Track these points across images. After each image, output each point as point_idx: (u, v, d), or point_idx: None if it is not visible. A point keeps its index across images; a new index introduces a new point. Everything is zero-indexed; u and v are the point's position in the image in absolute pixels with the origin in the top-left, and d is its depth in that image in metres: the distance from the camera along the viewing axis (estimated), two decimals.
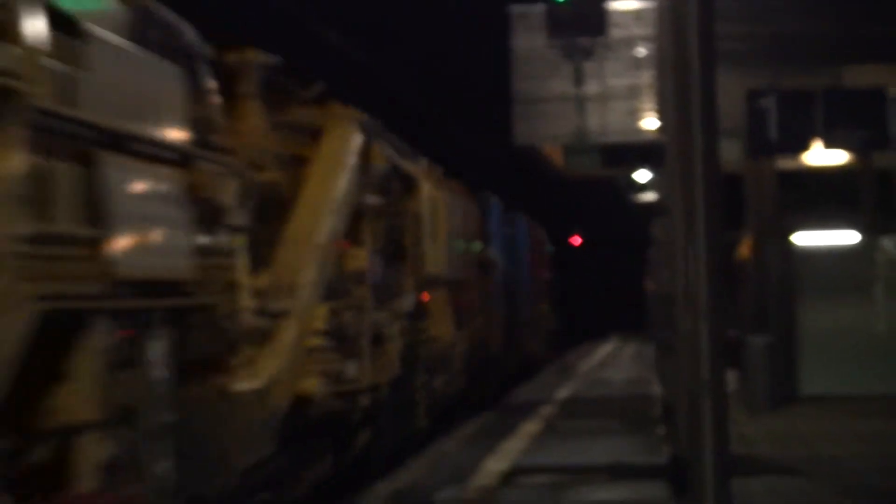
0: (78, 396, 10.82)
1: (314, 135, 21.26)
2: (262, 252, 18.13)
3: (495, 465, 23.85)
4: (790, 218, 34.07)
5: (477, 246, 38.65)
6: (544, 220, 61.61)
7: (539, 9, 31.10)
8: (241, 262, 15.91)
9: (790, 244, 32.70)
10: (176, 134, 13.32)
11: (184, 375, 13.20)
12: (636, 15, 32.13)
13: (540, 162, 38.47)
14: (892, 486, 18.61)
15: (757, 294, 33.29)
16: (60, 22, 10.63)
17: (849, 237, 32.79)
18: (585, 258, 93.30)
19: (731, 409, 7.95)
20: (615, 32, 31.59)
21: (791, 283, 32.33)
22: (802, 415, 28.93)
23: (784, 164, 33.71)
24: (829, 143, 18.81)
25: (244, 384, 15.65)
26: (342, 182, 21.07)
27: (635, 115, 32.95)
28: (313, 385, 19.01)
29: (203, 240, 14.11)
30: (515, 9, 33.11)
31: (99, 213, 11.10)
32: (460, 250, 34.66)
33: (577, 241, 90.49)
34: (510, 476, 22.34)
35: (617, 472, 22.21)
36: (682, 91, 7.81)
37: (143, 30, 13.14)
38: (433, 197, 29.75)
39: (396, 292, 25.26)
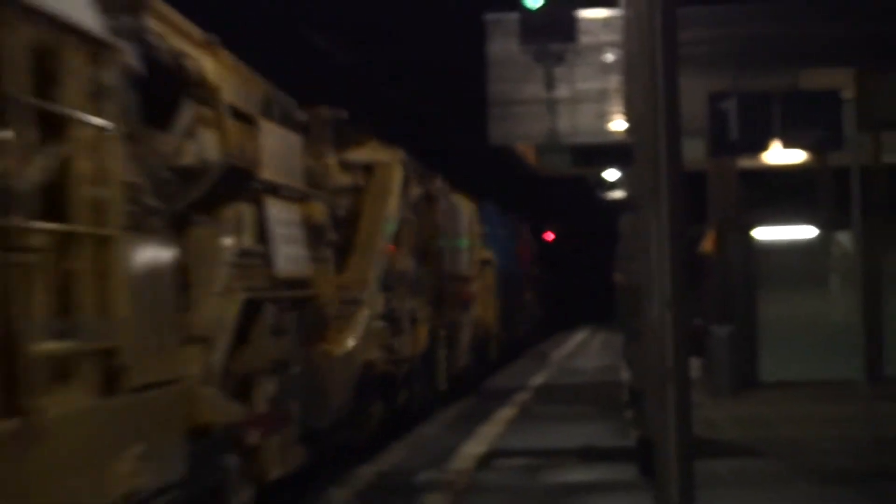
0: (257, 352, 15.75)
1: (368, 169, 26.74)
2: (340, 257, 23.68)
3: (473, 448, 23.86)
4: (751, 213, 34.12)
5: (478, 245, 43.24)
6: (519, 215, 61.77)
7: (512, 16, 31.08)
8: (332, 266, 21.86)
9: (751, 238, 32.78)
10: (297, 181, 18.32)
11: (303, 342, 18.24)
12: (604, 22, 32.09)
13: (514, 161, 38.47)
14: (849, 466, 18.65)
15: (719, 286, 33.33)
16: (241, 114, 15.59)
17: (806, 232, 32.87)
18: (557, 252, 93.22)
19: (695, 394, 7.97)
20: (584, 39, 31.55)
21: (752, 276, 32.42)
22: (763, 400, 28.99)
23: (745, 162, 33.74)
24: (787, 143, 18.81)
25: (338, 350, 21.56)
26: (391, 205, 26.70)
27: (604, 117, 32.92)
28: (375, 354, 24.37)
29: (313, 251, 19.29)
30: (490, 16, 33.12)
31: (265, 236, 16.31)
32: (466, 250, 39.40)
33: (549, 236, 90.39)
34: (487, 459, 22.35)
35: (588, 455, 22.23)
36: (647, 94, 7.82)
37: (271, 109, 17.36)
38: (446, 208, 34.62)
39: (424, 285, 30.66)
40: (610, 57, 32.39)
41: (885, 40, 32.41)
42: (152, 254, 11.97)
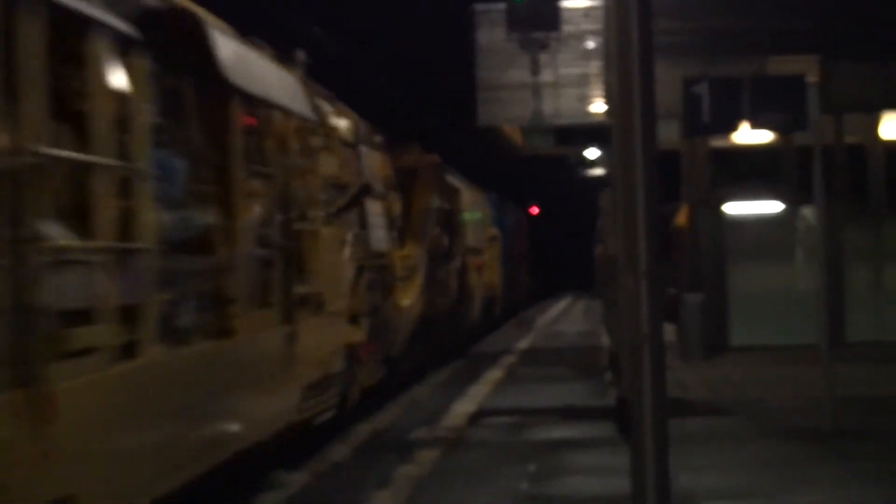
0: (362, 300, 21.83)
1: (414, 170, 32.95)
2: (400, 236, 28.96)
3: (463, 407, 23.92)
4: (721, 190, 34.13)
5: (488, 225, 49.76)
6: (505, 192, 61.77)
7: (499, 7, 31.14)
8: (397, 244, 27.73)
9: (721, 213, 32.80)
10: (380, 185, 24.85)
11: (384, 296, 24.77)
12: (585, 12, 32.11)
13: (501, 141, 38.48)
14: (811, 425, 18.69)
15: (692, 257, 33.36)
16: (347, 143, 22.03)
17: (773, 207, 32.88)
18: (541, 226, 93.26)
19: (668, 358, 8.00)
20: (566, 28, 31.59)
21: (722, 248, 32.45)
22: (731, 363, 29.03)
23: (716, 142, 33.78)
24: (755, 125, 18.79)
25: (403, 302, 28.18)
26: (433, 200, 33.98)
27: (585, 100, 32.96)
28: (425, 307, 31.42)
29: (388, 233, 25.47)
30: (479, 7, 33.10)
31: (364, 224, 22.65)
32: (480, 229, 46.59)
33: (534, 210, 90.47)
34: (476, 417, 22.40)
35: (569, 414, 22.28)
36: (625, 79, 7.83)
37: (359, 131, 23.39)
38: (465, 198, 40.61)
39: (452, 257, 37.14)
40: (590, 44, 32.41)
41: (845, 31, 32.41)
42: (331, 239, 19.10)
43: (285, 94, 16.87)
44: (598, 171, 49.42)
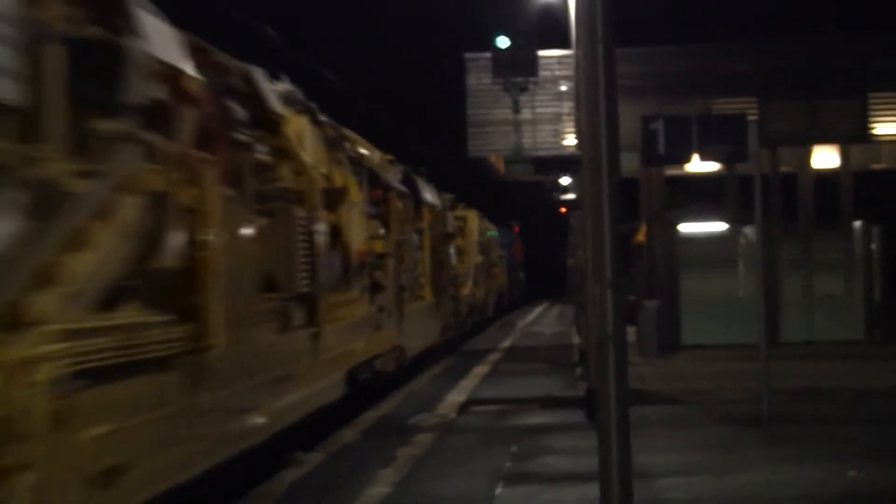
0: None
1: (463, 219, 46.06)
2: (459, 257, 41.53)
3: (454, 397, 23.86)
4: (674, 211, 34.15)
5: (497, 247, 63.78)
6: (491, 213, 61.83)
7: (486, 55, 31.17)
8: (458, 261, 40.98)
9: (675, 231, 32.82)
10: (453, 229, 39.05)
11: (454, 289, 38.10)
12: (558, 60, 32.14)
13: (487, 168, 38.47)
14: (750, 412, 18.68)
15: (649, 269, 33.37)
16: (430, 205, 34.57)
17: (718, 226, 32.90)
18: (512, 241, 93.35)
19: (629, 355, 7.99)
20: (543, 73, 31.65)
21: (675, 261, 32.47)
22: (683, 359, 29.02)
23: (669, 171, 33.82)
24: (703, 156, 18.78)
25: (463, 293, 41.59)
26: (476, 237, 48.60)
27: (558, 134, 33.00)
28: (471, 296, 45.49)
29: (456, 257, 39.87)
30: (468, 55, 33.15)
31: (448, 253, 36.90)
32: (496, 250, 62.19)
33: (515, 229, 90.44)
34: (466, 406, 22.34)
35: (545, 402, 22.21)
36: (592, 117, 7.82)
37: (446, 202, 35.93)
38: (482, 228, 54.40)
39: (483, 269, 52.16)
40: (563, 87, 32.46)
41: (779, 76, 32.47)
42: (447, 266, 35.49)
43: (431, 197, 33.76)
44: (570, 195, 49.41)
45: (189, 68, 11.75)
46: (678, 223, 33.12)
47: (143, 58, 10.41)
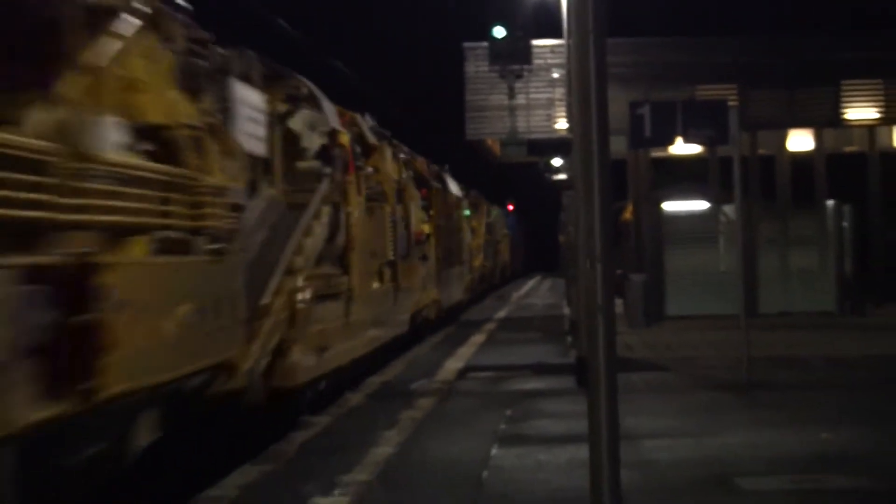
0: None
1: (477, 205, 52.29)
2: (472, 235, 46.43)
3: (453, 364, 23.91)
4: (660, 191, 34.15)
5: (503, 226, 72.69)
6: (487, 192, 61.88)
7: (483, 44, 31.13)
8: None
9: (660, 210, 32.81)
10: (483, 220, 54.97)
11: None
12: (551, 49, 32.12)
13: (484, 151, 38.45)
14: (729, 378, 18.71)
15: (636, 245, 33.38)
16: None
17: (700, 205, 32.90)
18: (517, 219, 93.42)
19: (617, 325, 7.99)
20: (537, 61, 31.61)
21: (660, 237, 32.47)
22: (668, 329, 29.06)
23: (655, 153, 33.81)
24: (687, 139, 18.77)
25: (476, 263, 48.81)
26: (485, 220, 54.95)
27: (551, 119, 32.99)
28: (482, 267, 52.74)
29: (469, 234, 45.48)
30: (467, 45, 33.11)
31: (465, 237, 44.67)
32: (501, 229, 69.81)
33: (510, 207, 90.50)
34: (464, 372, 22.39)
35: (538, 369, 22.26)
36: (583, 102, 7.81)
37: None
38: (496, 214, 63.84)
39: (491, 245, 58.46)
40: (555, 74, 32.43)
41: (758, 65, 32.46)
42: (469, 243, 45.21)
43: (455, 189, 39.81)
44: (561, 176, 49.40)
45: (341, 127, 18.82)
46: (663, 202, 33.12)
47: (325, 125, 17.96)
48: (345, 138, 18.70)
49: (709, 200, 32.69)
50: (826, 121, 33.37)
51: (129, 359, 9.16)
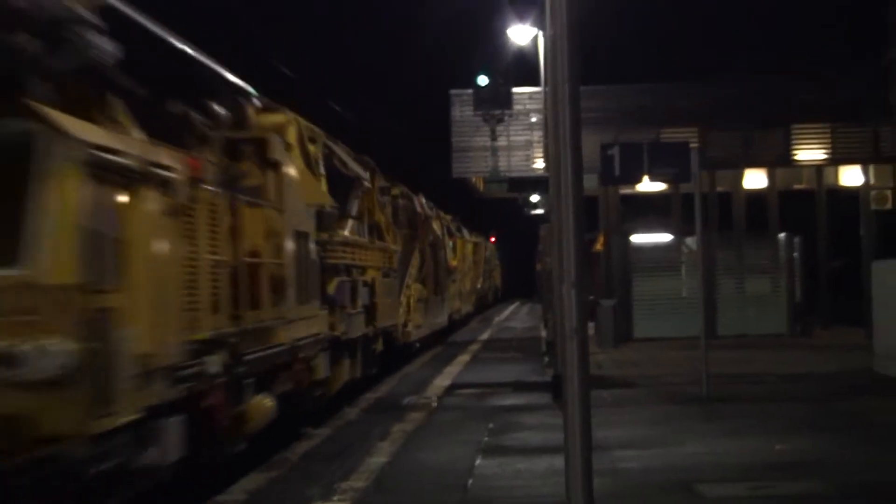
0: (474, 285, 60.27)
1: (479, 244, 61.56)
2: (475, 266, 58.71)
3: (441, 381, 23.89)
4: (628, 224, 34.22)
5: (495, 257, 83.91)
6: (470, 225, 61.87)
7: (468, 91, 31.23)
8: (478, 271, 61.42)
9: (628, 241, 32.86)
10: (483, 255, 66.99)
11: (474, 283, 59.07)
12: (530, 96, 32.19)
13: (469, 188, 38.51)
14: (691, 393, 18.71)
15: (606, 273, 33.42)
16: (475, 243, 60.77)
17: (664, 237, 32.96)
18: (498, 250, 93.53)
19: (590, 346, 8.00)
20: (517, 107, 31.65)
21: (628, 266, 32.51)
22: (635, 349, 29.07)
23: (624, 190, 33.89)
24: (653, 177, 18.83)
25: (477, 286, 61.06)
26: (484, 255, 67.43)
27: (530, 159, 33.05)
28: (480, 289, 62.62)
29: (474, 265, 57.97)
30: (453, 91, 33.20)
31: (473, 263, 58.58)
32: (493, 259, 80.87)
33: (492, 239, 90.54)
34: (450, 389, 22.36)
35: (517, 386, 22.24)
36: (559, 144, 7.85)
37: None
38: (490, 248, 71.56)
39: (486, 272, 66.87)
40: (533, 119, 32.50)
41: (717, 110, 32.59)
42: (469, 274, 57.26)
43: (467, 234, 53.86)
44: (539, 210, 49.46)
45: (420, 210, 32.92)
46: (631, 234, 33.19)
47: (413, 210, 31.96)
48: (419, 215, 32.95)
49: (672, 233, 32.76)
50: (778, 161, 33.50)
51: (382, 314, 23.66)
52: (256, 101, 15.41)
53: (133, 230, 9.80)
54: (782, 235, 33.01)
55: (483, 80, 28.81)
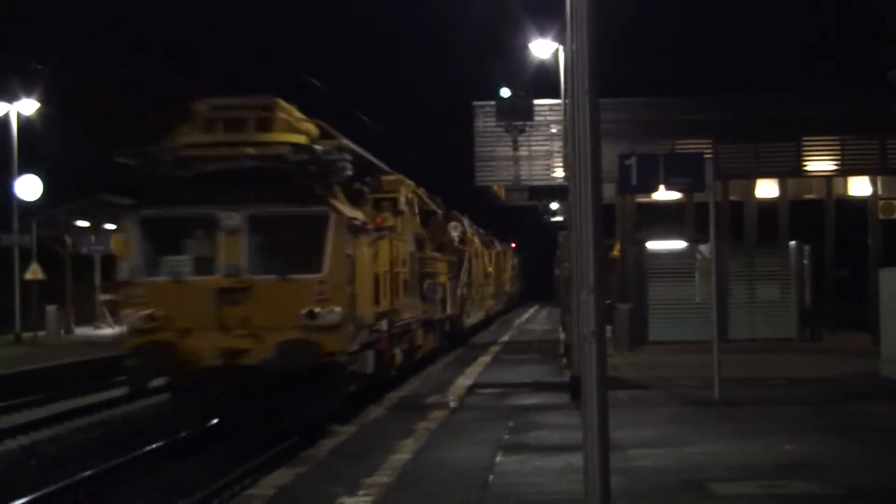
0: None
1: (503, 253, 64.51)
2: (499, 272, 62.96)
3: (463, 381, 23.84)
4: (643, 232, 34.10)
5: (515, 261, 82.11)
6: (494, 232, 61.90)
7: (491, 103, 31.20)
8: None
9: (643, 248, 32.76)
10: (510, 262, 74.17)
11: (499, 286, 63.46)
12: (550, 107, 32.11)
13: (491, 196, 38.44)
14: (703, 396, 18.63)
15: (622, 278, 33.31)
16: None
17: (679, 244, 32.85)
18: (518, 256, 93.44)
19: (606, 348, 7.95)
20: (537, 118, 31.58)
21: (643, 272, 32.41)
22: (650, 352, 28.97)
23: (640, 199, 33.77)
24: (668, 187, 18.76)
25: (504, 289, 67.17)
26: (507, 259, 69.75)
27: (550, 168, 32.96)
28: (509, 291, 71.38)
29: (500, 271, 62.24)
30: (476, 103, 33.16)
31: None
32: (514, 263, 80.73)
33: (512, 245, 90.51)
34: (472, 388, 22.32)
35: (537, 386, 22.20)
36: (579, 154, 7.80)
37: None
38: (510, 254, 72.37)
39: (508, 276, 68.49)
40: (554, 129, 32.41)
41: (730, 123, 32.48)
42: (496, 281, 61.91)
43: (499, 244, 61.70)
44: (558, 217, 49.34)
45: (467, 228, 40.21)
46: (646, 241, 33.09)
47: (460, 228, 38.54)
48: (467, 233, 40.20)
49: (686, 240, 32.63)
50: (789, 171, 33.34)
51: (449, 306, 32.41)
52: (383, 167, 23.69)
53: (358, 254, 18.29)
54: (793, 243, 32.86)
55: (505, 93, 28.78)
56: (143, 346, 16.47)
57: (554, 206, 48.37)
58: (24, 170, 41.57)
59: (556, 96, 29.47)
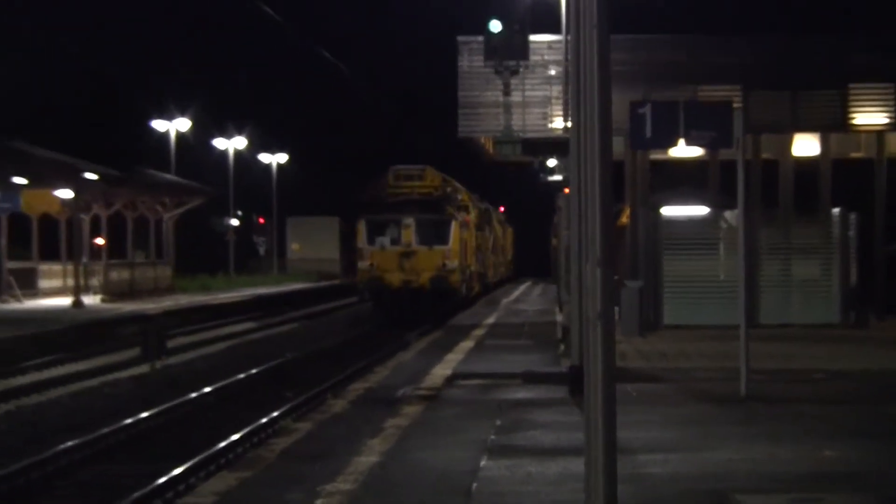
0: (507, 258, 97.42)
1: (504, 223, 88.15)
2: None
3: (440, 371, 23.87)
4: (658, 195, 34.19)
5: (510, 234, 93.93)
6: (478, 193, 61.88)
7: (478, 38, 31.15)
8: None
9: (658, 214, 32.80)
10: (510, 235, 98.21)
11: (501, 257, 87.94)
12: (549, 45, 32.15)
13: (477, 150, 38.45)
14: (724, 391, 18.71)
15: (632, 250, 33.41)
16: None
17: (700, 210, 32.92)
18: (508, 222, 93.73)
19: (614, 333, 7.97)
20: (533, 57, 31.62)
21: (657, 243, 32.46)
22: (663, 339, 29.06)
23: (655, 155, 33.85)
24: (688, 142, 18.76)
25: (508, 257, 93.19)
26: (507, 230, 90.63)
27: (547, 117, 33.02)
28: (507, 261, 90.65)
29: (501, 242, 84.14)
30: (461, 38, 33.12)
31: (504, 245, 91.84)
32: (510, 236, 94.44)
33: (501, 209, 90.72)
34: (451, 379, 22.35)
35: (529, 378, 22.20)
36: (584, 101, 7.82)
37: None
38: (509, 228, 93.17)
39: (504, 249, 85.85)
40: (552, 71, 32.46)
41: (763, 66, 32.52)
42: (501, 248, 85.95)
43: (503, 217, 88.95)
44: (557, 177, 49.41)
45: (487, 207, 68.11)
46: (661, 206, 33.13)
47: (481, 207, 62.29)
48: (487, 213, 65.28)
49: (709, 206, 32.71)
50: (832, 125, 33.43)
51: (485, 267, 64.44)
52: (459, 186, 50.60)
53: (463, 237, 48.56)
54: (836, 211, 32.95)
55: (496, 26, 28.72)
56: (370, 279, 45.67)
57: (552, 162, 48.44)
58: None
59: (557, 31, 29.51)
